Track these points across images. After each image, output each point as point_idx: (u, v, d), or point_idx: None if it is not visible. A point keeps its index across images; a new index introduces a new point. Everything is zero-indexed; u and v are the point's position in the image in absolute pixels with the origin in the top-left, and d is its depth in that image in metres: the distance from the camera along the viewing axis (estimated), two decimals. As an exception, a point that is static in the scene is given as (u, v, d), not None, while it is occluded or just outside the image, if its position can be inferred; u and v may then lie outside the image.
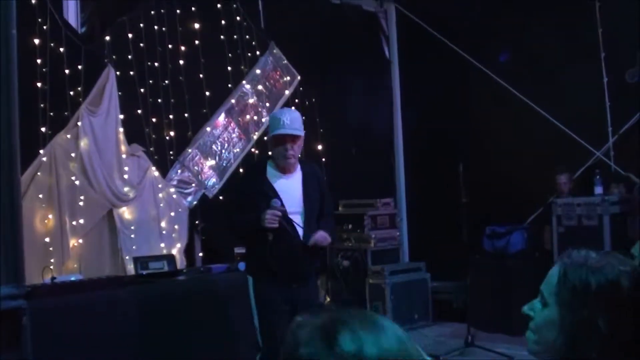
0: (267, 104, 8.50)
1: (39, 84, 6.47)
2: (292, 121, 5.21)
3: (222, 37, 8.08)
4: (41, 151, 6.47)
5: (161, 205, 7.32)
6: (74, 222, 6.63)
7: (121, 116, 7.07)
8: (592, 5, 8.36)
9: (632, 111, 7.92)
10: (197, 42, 7.80)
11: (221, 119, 8.02)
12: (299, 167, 5.36)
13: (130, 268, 6.60)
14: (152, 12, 7.44)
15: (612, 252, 2.00)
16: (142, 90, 7.29)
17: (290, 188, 5.24)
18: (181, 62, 7.64)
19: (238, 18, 8.22)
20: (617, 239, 7.46)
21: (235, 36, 8.20)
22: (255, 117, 8.36)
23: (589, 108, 8.49)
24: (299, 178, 5.33)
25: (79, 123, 6.70)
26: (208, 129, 7.88)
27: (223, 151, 8.00)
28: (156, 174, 7.36)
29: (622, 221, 7.68)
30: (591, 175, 8.19)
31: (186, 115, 7.66)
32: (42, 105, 6.46)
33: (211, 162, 7.87)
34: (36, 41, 6.50)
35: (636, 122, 7.93)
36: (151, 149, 7.34)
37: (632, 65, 7.25)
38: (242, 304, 6.08)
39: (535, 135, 8.98)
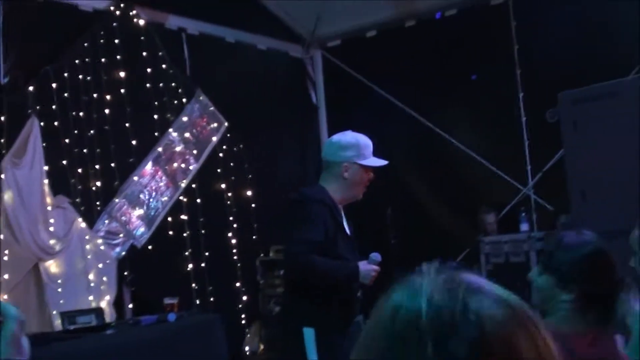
0: (195, 151, 8.46)
1: (-40, 137, 6.34)
2: None
3: (147, 85, 8.01)
4: (-37, 205, 6.32)
5: (89, 257, 7.18)
6: (-1, 278, 6.48)
7: (46, 167, 6.94)
8: (510, 47, 8.56)
9: (553, 149, 8.10)
10: (122, 90, 7.72)
11: (148, 167, 7.95)
12: None
13: (58, 323, 6.46)
14: (77, 62, 7.35)
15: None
16: (67, 140, 7.18)
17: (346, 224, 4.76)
18: (107, 111, 7.55)
19: (164, 66, 8.18)
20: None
21: (161, 84, 8.14)
22: (183, 165, 8.30)
23: (512, 147, 8.68)
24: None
25: (2, 176, 6.56)
26: (135, 178, 7.79)
27: (151, 200, 7.92)
28: (83, 225, 7.23)
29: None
30: (517, 212, 8.33)
31: (112, 164, 7.56)
32: (-37, 158, 6.33)
33: (139, 211, 7.77)
34: (-44, 93, 6.38)
35: (558, 160, 8.09)
36: (77, 200, 7.21)
37: (552, 105, 7.43)
38: (173, 356, 6.01)
39: (462, 175, 9.12)
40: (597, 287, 2.72)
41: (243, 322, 8.59)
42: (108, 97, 7.59)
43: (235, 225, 8.64)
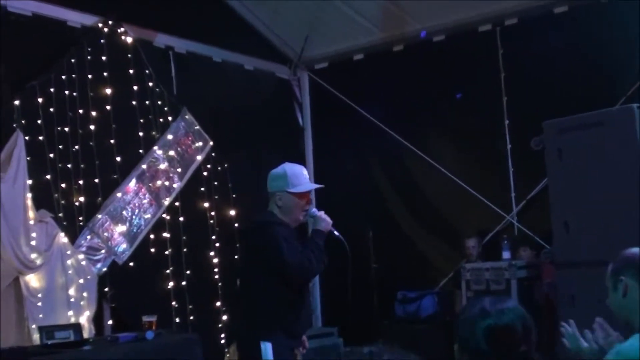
0: (179, 170, 8.44)
1: (-56, 150, 6.30)
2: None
3: (133, 102, 8.01)
4: (-55, 218, 6.27)
5: (69, 272, 7.13)
6: (-22, 291, 6.42)
7: (29, 181, 6.89)
8: (497, 74, 8.60)
9: (538, 177, 8.12)
10: (108, 107, 7.70)
11: (132, 184, 7.93)
12: None
13: (36, 338, 6.41)
14: (63, 77, 7.34)
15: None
16: (51, 155, 7.15)
17: None
18: (92, 127, 7.54)
19: (150, 84, 8.18)
20: (524, 303, 7.55)
21: (147, 102, 8.14)
22: (167, 183, 8.28)
23: (496, 174, 8.71)
24: None
25: (-15, 189, 6.53)
26: (118, 194, 7.76)
27: (134, 217, 7.89)
28: (65, 240, 7.18)
29: (529, 285, 7.82)
30: (500, 240, 8.33)
31: (96, 180, 7.53)
32: (-53, 171, 6.29)
33: (121, 228, 7.74)
34: (-58, 106, 6.35)
35: (542, 188, 8.11)
36: (60, 214, 7.17)
37: (537, 134, 7.44)
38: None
39: (445, 200, 9.13)
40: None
41: (222, 341, 8.54)
42: (94, 113, 7.57)
43: (217, 245, 8.61)
